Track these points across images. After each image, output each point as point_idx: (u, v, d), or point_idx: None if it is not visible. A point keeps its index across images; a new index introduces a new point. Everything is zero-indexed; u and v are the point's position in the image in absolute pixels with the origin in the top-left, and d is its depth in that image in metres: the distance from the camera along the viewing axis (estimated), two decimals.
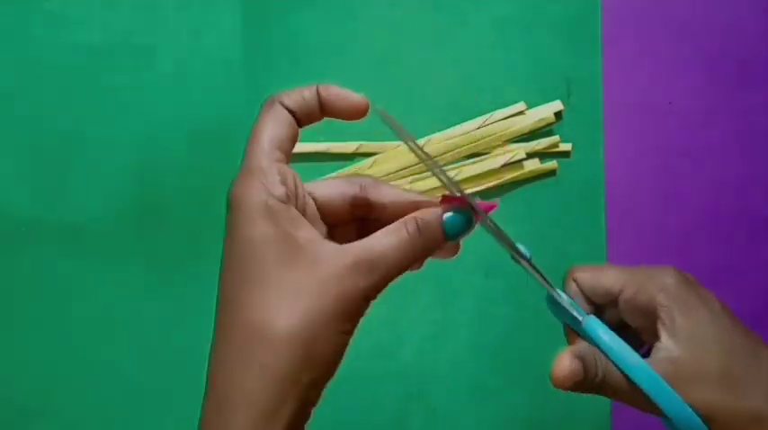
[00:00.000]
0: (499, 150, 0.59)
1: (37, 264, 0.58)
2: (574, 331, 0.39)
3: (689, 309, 0.36)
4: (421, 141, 0.58)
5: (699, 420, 0.34)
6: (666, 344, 0.35)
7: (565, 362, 0.35)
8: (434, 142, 0.58)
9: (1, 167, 0.58)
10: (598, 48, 0.59)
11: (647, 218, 0.65)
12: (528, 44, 0.59)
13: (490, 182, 0.59)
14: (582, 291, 0.40)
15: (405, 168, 0.58)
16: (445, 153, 0.58)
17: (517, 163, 0.59)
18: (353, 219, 0.37)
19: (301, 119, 0.36)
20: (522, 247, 0.38)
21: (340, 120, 0.37)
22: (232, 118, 0.58)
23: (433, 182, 0.58)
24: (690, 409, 0.34)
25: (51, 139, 0.58)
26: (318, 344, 0.31)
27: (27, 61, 0.57)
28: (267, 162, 0.34)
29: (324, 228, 0.36)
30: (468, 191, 0.59)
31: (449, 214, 0.34)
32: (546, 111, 0.59)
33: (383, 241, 0.33)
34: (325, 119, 0.37)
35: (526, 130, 0.59)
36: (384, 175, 0.58)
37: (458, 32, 0.59)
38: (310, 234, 0.32)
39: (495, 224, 0.36)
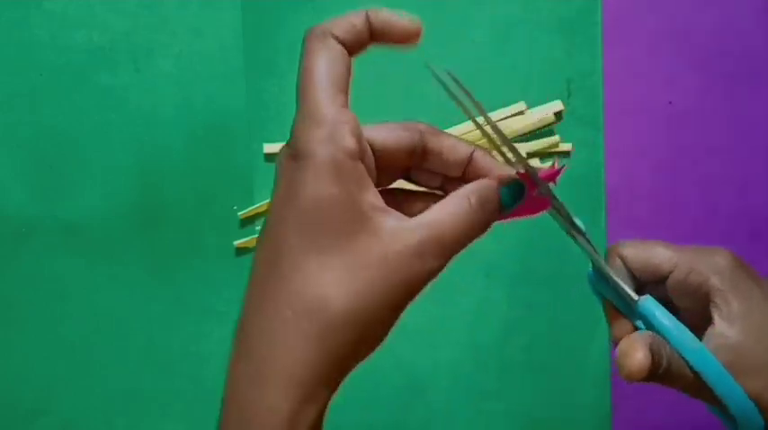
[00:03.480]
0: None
1: (36, 264, 0.58)
2: (615, 310, 0.37)
3: (745, 293, 0.34)
4: None
5: (755, 409, 0.33)
6: (721, 330, 0.34)
7: (639, 354, 0.33)
8: None
9: (1, 167, 0.58)
10: (598, 48, 0.59)
11: (647, 218, 0.65)
12: (528, 44, 0.59)
13: None
14: (628, 267, 0.38)
15: None
16: None
17: None
18: (405, 168, 0.34)
19: (353, 49, 0.32)
20: (578, 221, 0.36)
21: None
22: (232, 118, 0.58)
23: None
24: (747, 397, 0.33)
25: (51, 139, 0.58)
26: (374, 325, 0.30)
27: (27, 61, 0.57)
28: (334, 108, 0.29)
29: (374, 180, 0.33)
30: None
31: (504, 188, 0.33)
32: (546, 111, 0.59)
33: (448, 218, 0.30)
34: None
35: (526, 130, 0.59)
36: None
37: (458, 32, 0.59)
38: (375, 199, 0.29)
39: (554, 196, 0.35)
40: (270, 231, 0.30)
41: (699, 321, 0.36)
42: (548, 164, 0.59)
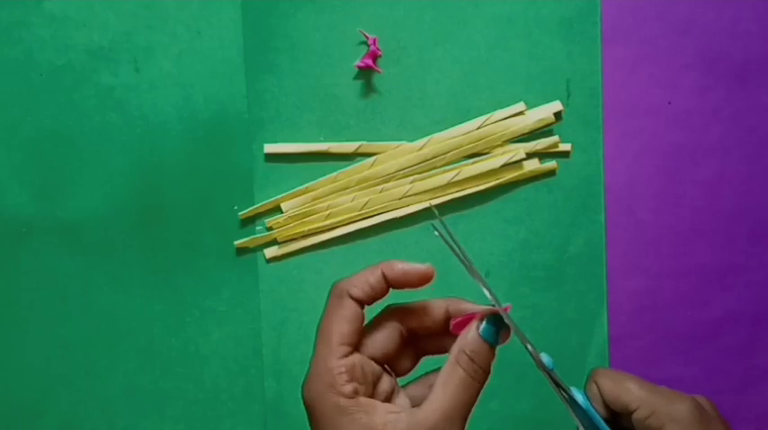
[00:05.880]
0: (499, 150, 0.59)
1: (36, 264, 0.58)
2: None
3: None
4: (421, 141, 0.58)
5: None
6: None
7: None
8: (434, 142, 0.58)
9: (1, 167, 0.58)
10: (598, 48, 0.59)
11: (647, 218, 0.65)
12: (528, 44, 0.59)
13: (490, 182, 0.59)
14: (602, 396, 0.41)
15: (405, 168, 0.58)
16: (445, 153, 0.58)
17: (517, 163, 0.59)
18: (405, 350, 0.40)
19: (368, 302, 0.38)
20: (545, 358, 0.39)
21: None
22: (232, 117, 0.58)
23: (433, 182, 0.58)
24: None
25: (51, 139, 0.58)
26: None
27: (27, 61, 0.57)
28: (334, 362, 0.36)
29: (393, 379, 0.40)
30: (469, 190, 0.59)
31: (482, 327, 0.37)
32: (546, 111, 0.59)
33: (447, 391, 0.36)
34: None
35: (526, 131, 0.59)
36: (384, 175, 0.58)
37: (458, 32, 0.59)
38: (385, 415, 0.35)
39: (520, 333, 0.38)
40: None
41: None
42: (550, 162, 0.59)
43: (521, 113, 0.59)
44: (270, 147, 0.58)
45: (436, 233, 0.37)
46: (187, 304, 0.59)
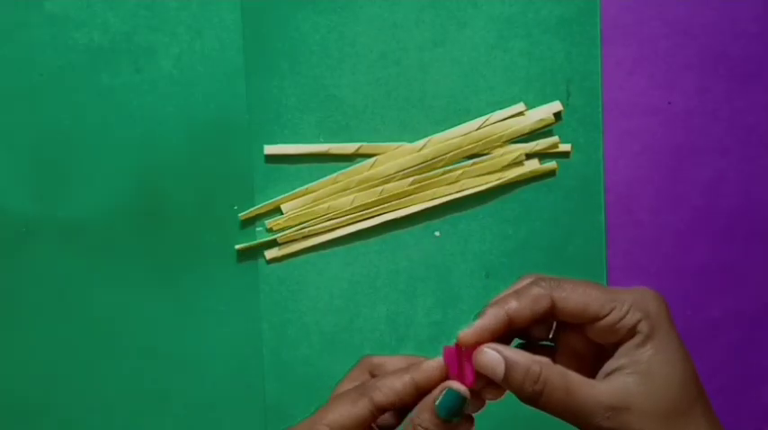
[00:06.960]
0: (499, 151, 0.59)
1: (37, 264, 0.58)
2: None
3: (664, 340, 0.35)
4: (421, 142, 0.58)
5: None
6: (629, 371, 0.35)
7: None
8: (434, 142, 0.58)
9: (1, 167, 0.58)
10: (597, 48, 0.60)
11: (647, 218, 0.65)
12: (527, 44, 0.59)
13: (490, 182, 0.59)
14: (559, 314, 0.37)
15: (405, 169, 0.58)
16: (445, 154, 0.58)
17: (517, 163, 0.59)
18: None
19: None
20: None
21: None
22: (232, 118, 0.58)
23: (433, 182, 0.58)
24: None
25: (51, 139, 0.58)
26: None
27: (27, 61, 0.57)
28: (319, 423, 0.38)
29: None
30: (469, 190, 0.59)
31: (439, 399, 0.38)
32: (545, 111, 0.59)
33: None
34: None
35: (526, 131, 0.59)
36: (384, 176, 0.58)
37: (458, 32, 0.59)
38: None
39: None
40: None
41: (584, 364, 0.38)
42: (550, 163, 0.59)
43: (520, 114, 0.59)
44: (270, 149, 0.58)
45: (437, 233, 0.38)
46: (187, 305, 0.59)
